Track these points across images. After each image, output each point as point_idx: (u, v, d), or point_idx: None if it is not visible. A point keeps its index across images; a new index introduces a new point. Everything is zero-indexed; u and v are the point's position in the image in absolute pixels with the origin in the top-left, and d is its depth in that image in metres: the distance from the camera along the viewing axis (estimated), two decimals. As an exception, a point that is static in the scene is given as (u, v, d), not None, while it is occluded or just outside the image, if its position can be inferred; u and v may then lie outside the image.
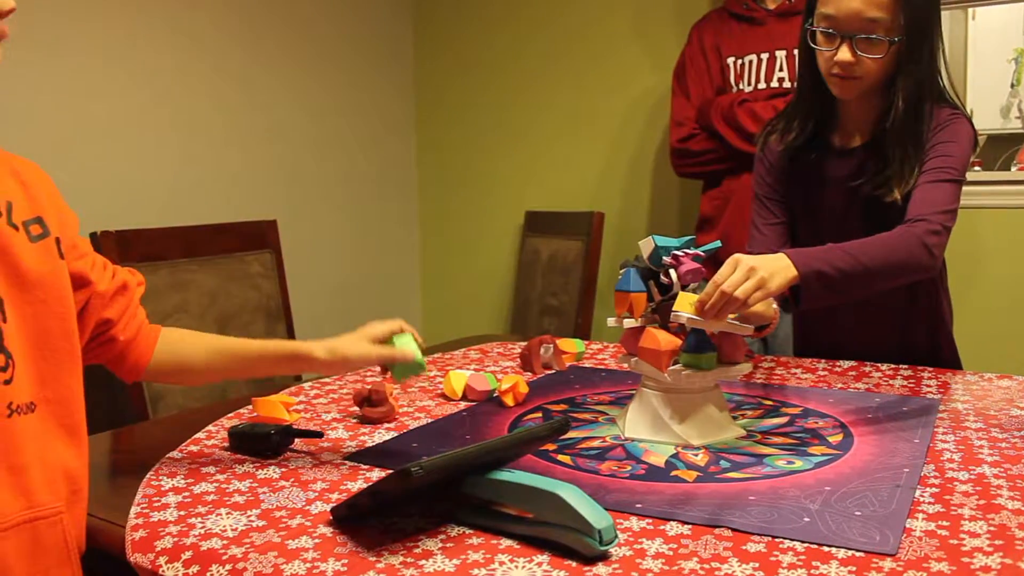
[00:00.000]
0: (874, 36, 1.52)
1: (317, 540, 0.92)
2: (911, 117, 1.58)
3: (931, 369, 1.67)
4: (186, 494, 1.07)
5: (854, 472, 1.09)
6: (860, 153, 1.66)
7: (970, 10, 3.57)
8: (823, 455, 1.16)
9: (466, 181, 3.62)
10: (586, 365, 1.76)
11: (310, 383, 1.65)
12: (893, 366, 1.69)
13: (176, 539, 0.93)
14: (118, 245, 1.97)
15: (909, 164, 1.57)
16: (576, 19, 3.29)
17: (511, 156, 3.48)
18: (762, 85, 2.41)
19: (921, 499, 1.00)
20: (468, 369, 1.71)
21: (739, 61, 2.47)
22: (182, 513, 1.00)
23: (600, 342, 2.02)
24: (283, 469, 1.15)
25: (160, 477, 1.13)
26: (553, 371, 1.71)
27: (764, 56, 2.40)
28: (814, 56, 1.62)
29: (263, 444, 1.22)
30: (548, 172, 3.40)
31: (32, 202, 1.06)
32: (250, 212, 2.77)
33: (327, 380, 1.67)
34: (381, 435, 1.30)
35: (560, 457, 1.15)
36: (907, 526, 0.92)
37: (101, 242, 1.94)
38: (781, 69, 2.36)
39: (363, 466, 1.16)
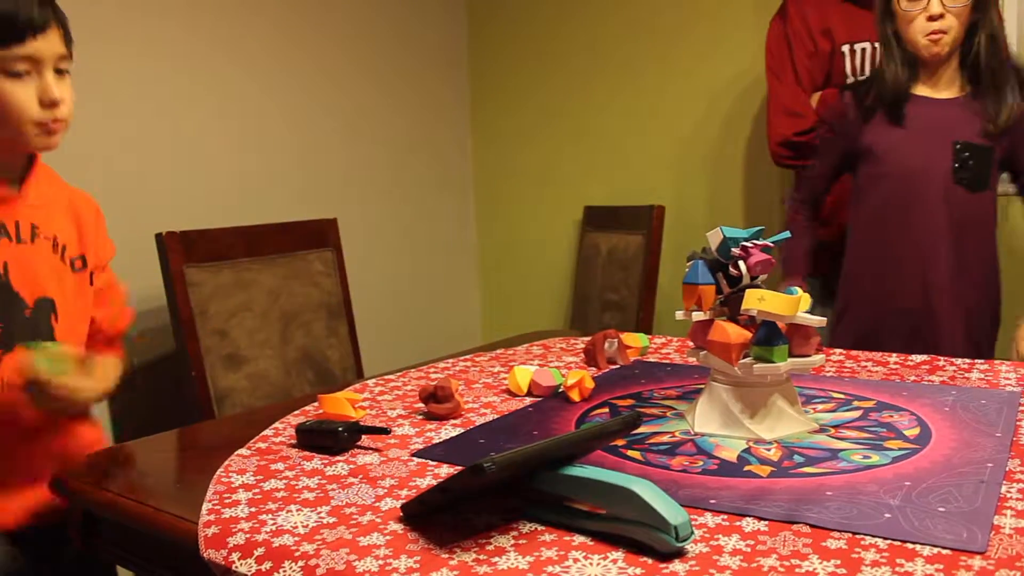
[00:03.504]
0: None
1: (388, 537, 0.91)
2: (995, 61, 1.87)
3: (1009, 362, 1.62)
4: (256, 491, 1.07)
5: (935, 467, 1.06)
6: (958, 102, 1.92)
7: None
8: (900, 449, 1.13)
9: (523, 176, 3.61)
10: (651, 359, 1.74)
11: (374, 380, 1.65)
12: (969, 360, 1.64)
13: (248, 535, 0.93)
14: (182, 245, 1.99)
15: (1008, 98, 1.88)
16: (636, 8, 3.25)
17: (568, 150, 3.46)
18: None
19: (1008, 495, 0.97)
20: (532, 364, 1.70)
21: (853, 48, 2.33)
22: (253, 510, 1.01)
23: (663, 336, 2.00)
24: (351, 466, 1.15)
25: (230, 474, 1.14)
26: (618, 366, 1.69)
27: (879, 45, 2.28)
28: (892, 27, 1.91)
29: (331, 441, 1.22)
30: (606, 166, 3.38)
31: (80, 240, 1.46)
32: (311, 211, 2.79)
33: (391, 377, 1.67)
34: (448, 431, 1.29)
35: (630, 453, 1.14)
36: (995, 523, 0.89)
37: (166, 242, 1.96)
38: None
39: (431, 462, 1.16)
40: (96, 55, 2.39)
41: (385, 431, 1.23)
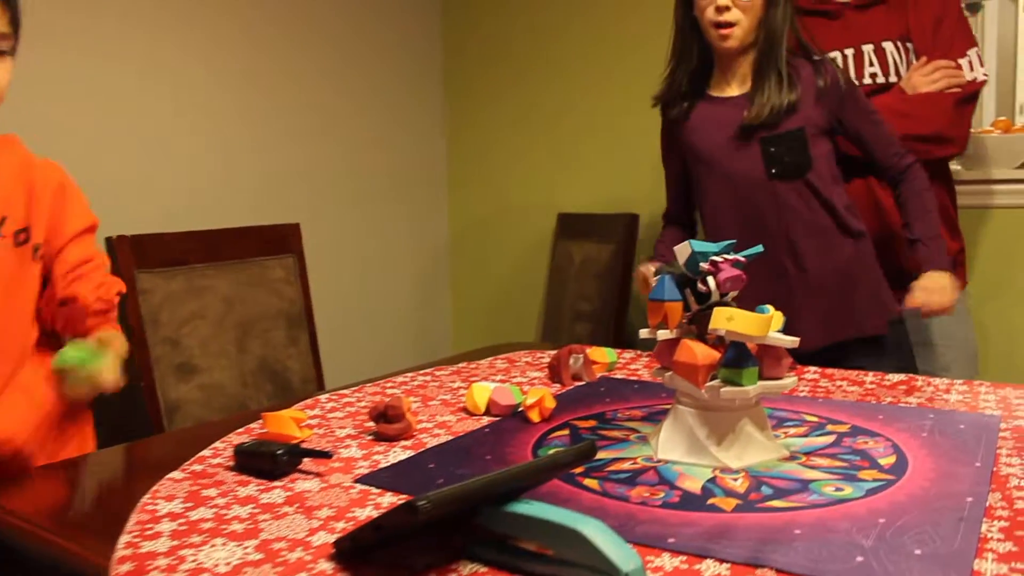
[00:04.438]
0: None
1: (315, 578, 0.83)
2: (772, 52, 1.83)
3: (988, 384, 1.56)
4: (182, 521, 0.99)
5: (911, 501, 0.99)
6: (740, 99, 1.87)
7: (1020, 1, 3.43)
8: (875, 480, 1.06)
9: (496, 183, 3.54)
10: (618, 376, 1.67)
11: (327, 395, 1.57)
12: (948, 380, 1.58)
13: (164, 575, 0.85)
14: (133, 250, 1.91)
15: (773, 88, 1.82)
16: (609, 16, 3.19)
17: (543, 157, 3.40)
18: None
19: (989, 535, 0.90)
20: (494, 381, 1.62)
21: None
22: (175, 543, 0.92)
23: (634, 350, 1.93)
24: (288, 493, 1.07)
25: (157, 500, 1.06)
26: (583, 382, 1.62)
27: (849, 52, 2.18)
28: (689, 14, 1.87)
29: (269, 464, 1.14)
30: (581, 174, 3.31)
31: (28, 212, 1.37)
32: (273, 216, 2.71)
33: (345, 392, 1.60)
34: (397, 454, 1.22)
35: (587, 481, 1.06)
36: (975, 568, 0.82)
37: (116, 247, 1.87)
38: (871, 64, 2.14)
39: (374, 490, 1.08)
40: (44, 51, 2.30)
41: (327, 455, 1.15)
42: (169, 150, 2.60)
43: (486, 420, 1.38)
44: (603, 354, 1.70)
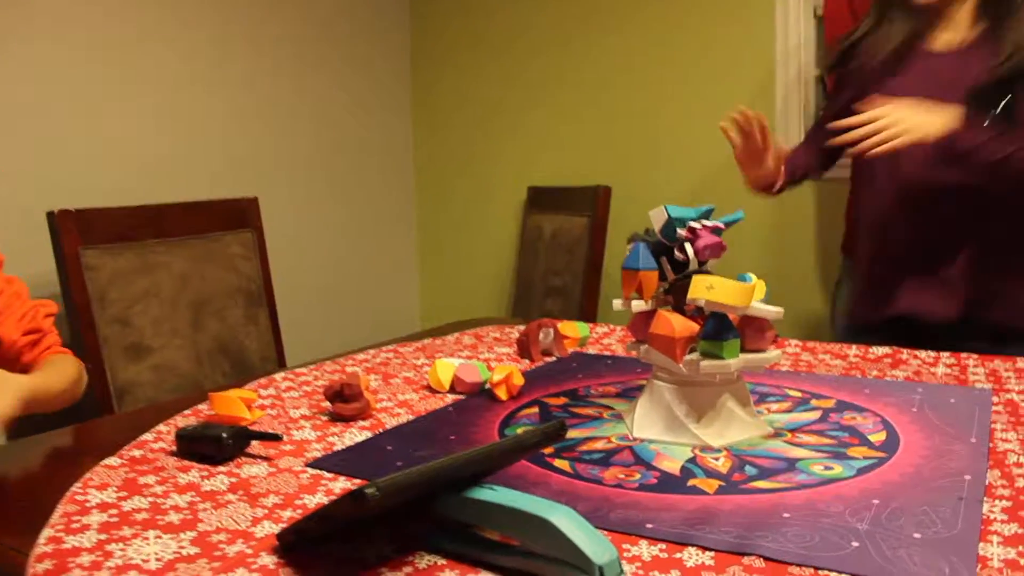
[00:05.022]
0: None
1: (255, 574, 0.75)
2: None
3: (976, 356, 1.49)
4: (113, 512, 0.90)
5: (905, 480, 0.91)
6: (969, 47, 1.68)
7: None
8: (865, 458, 0.98)
9: (465, 155, 3.44)
10: (590, 351, 1.60)
11: (282, 374, 1.48)
12: (934, 353, 1.51)
13: (88, 572, 0.77)
14: (78, 225, 1.80)
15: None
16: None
17: (513, 128, 3.31)
18: None
19: (991, 515, 0.83)
20: (459, 357, 1.54)
21: None
22: (103, 537, 0.84)
23: (607, 325, 1.85)
24: (233, 479, 0.99)
25: (88, 490, 0.97)
26: (554, 358, 1.54)
27: None
28: None
29: (213, 448, 1.05)
30: (552, 144, 3.22)
31: None
32: (229, 189, 2.60)
33: (303, 370, 1.51)
34: (353, 435, 1.13)
35: (557, 463, 0.98)
36: (980, 553, 0.75)
37: (59, 222, 1.77)
38: None
39: (326, 474, 1.00)
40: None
41: (277, 437, 1.06)
42: (117, 120, 2.47)
43: (451, 398, 1.30)
44: (574, 328, 1.62)
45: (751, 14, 2.84)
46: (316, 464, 1.03)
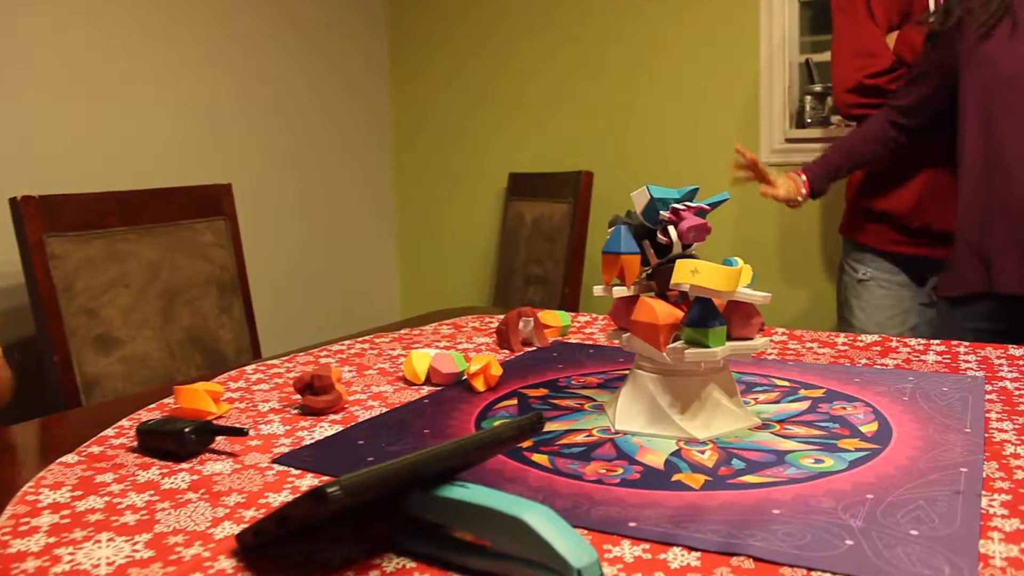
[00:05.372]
0: None
1: (211, 580, 0.70)
2: None
3: (967, 343, 1.46)
4: (66, 513, 0.85)
5: (900, 473, 0.87)
6: None
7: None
8: (858, 450, 0.94)
9: (445, 141, 3.39)
10: (572, 340, 1.55)
11: (253, 366, 1.43)
12: (924, 341, 1.47)
13: (32, 578, 0.72)
14: (42, 211, 1.74)
15: None
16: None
17: (494, 113, 3.26)
18: None
19: (991, 510, 0.79)
20: (436, 348, 1.49)
21: None
22: (52, 540, 0.79)
23: (589, 314, 1.81)
24: (195, 476, 0.94)
25: (40, 490, 0.91)
26: (534, 348, 1.49)
27: None
28: None
29: (174, 444, 1.00)
30: (534, 131, 3.18)
31: None
32: (202, 175, 2.54)
33: (275, 362, 1.46)
34: (323, 430, 1.08)
35: (536, 457, 0.94)
36: (981, 551, 0.71)
37: (22, 208, 1.71)
38: None
39: (293, 471, 0.95)
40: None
41: (242, 432, 1.01)
42: (84, 104, 2.41)
43: (427, 390, 1.25)
44: (555, 317, 1.58)
45: (735, -2, 2.80)
46: (282, 460, 0.98)
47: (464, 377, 1.26)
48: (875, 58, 2.08)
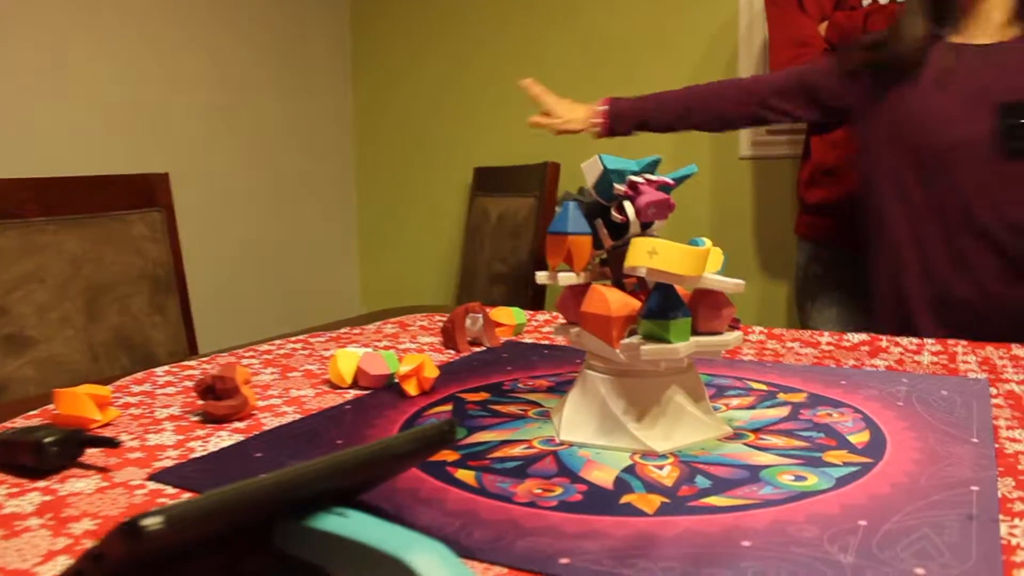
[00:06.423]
0: None
1: (11, 637, 0.54)
2: None
3: (965, 342, 1.31)
4: None
5: (898, 494, 0.72)
6: (1007, 48, 1.56)
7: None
8: (846, 465, 0.79)
9: (408, 135, 3.24)
10: (527, 340, 1.39)
11: (165, 368, 1.27)
12: (917, 340, 1.33)
13: None
14: (-55, 197, 1.57)
15: None
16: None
17: (458, 108, 3.11)
18: None
19: (1013, 540, 0.63)
20: (371, 348, 1.34)
21: None
22: None
23: (550, 312, 1.66)
24: (48, 497, 0.77)
25: None
26: (483, 348, 1.33)
27: None
28: None
29: (33, 457, 0.83)
30: (499, 124, 3.03)
31: None
32: (136, 164, 2.38)
33: (191, 363, 1.30)
34: (221, 439, 0.92)
35: (460, 474, 0.78)
36: (1006, 596, 0.55)
37: (-78, 193, 1.54)
38: None
39: (169, 489, 0.79)
40: None
41: (112, 443, 0.85)
42: (6, 79, 2.24)
43: (353, 394, 1.09)
44: (508, 315, 1.42)
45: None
46: (159, 476, 0.81)
47: (395, 380, 1.11)
48: (807, 47, 2.02)
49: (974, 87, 1.58)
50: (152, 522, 0.47)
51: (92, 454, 0.88)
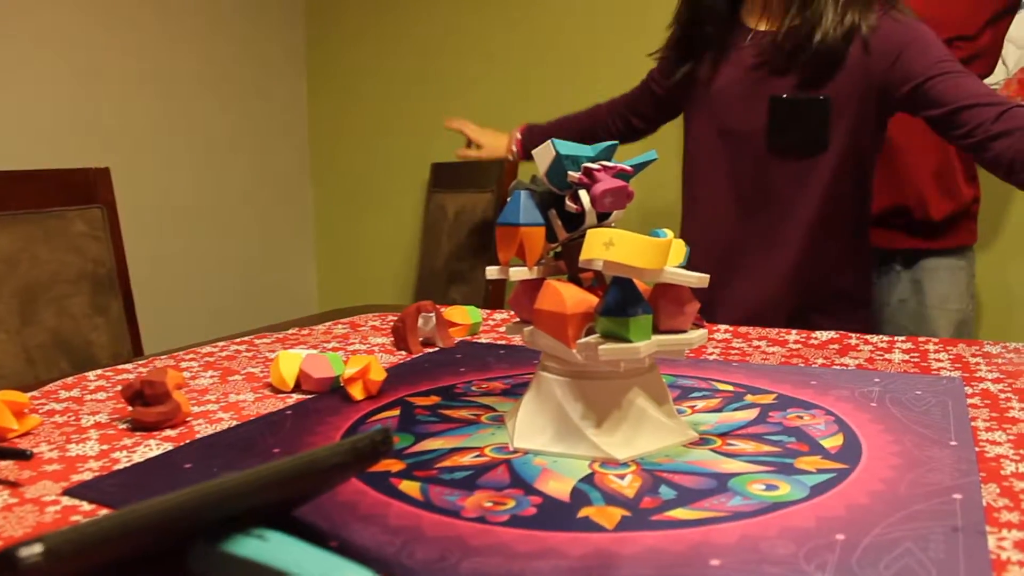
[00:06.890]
0: None
1: None
2: None
3: (937, 340, 1.27)
4: None
5: (877, 503, 0.67)
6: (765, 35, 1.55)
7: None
8: (820, 472, 0.73)
9: (364, 130, 3.17)
10: (483, 340, 1.33)
11: (99, 371, 1.20)
12: (888, 338, 1.28)
13: None
14: None
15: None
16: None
17: (414, 103, 3.05)
18: None
19: (1003, 554, 0.58)
20: (318, 349, 1.27)
21: None
22: None
23: (508, 312, 1.60)
24: (-52, 516, 0.70)
25: None
26: (436, 349, 1.27)
27: None
28: None
29: (-66, 472, 0.76)
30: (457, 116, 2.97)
31: None
32: (74, 158, 2.29)
33: (127, 367, 1.22)
34: (148, 449, 0.85)
35: (405, 485, 0.72)
36: (1002, 620, 0.50)
37: None
38: None
39: (85, 505, 0.72)
40: None
41: (24, 455, 0.78)
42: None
43: (295, 399, 1.03)
44: (463, 314, 1.36)
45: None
46: (75, 491, 0.74)
47: (340, 383, 1.04)
48: None
49: (756, 77, 1.56)
50: (30, 554, 0.40)
51: (3, 467, 0.81)
